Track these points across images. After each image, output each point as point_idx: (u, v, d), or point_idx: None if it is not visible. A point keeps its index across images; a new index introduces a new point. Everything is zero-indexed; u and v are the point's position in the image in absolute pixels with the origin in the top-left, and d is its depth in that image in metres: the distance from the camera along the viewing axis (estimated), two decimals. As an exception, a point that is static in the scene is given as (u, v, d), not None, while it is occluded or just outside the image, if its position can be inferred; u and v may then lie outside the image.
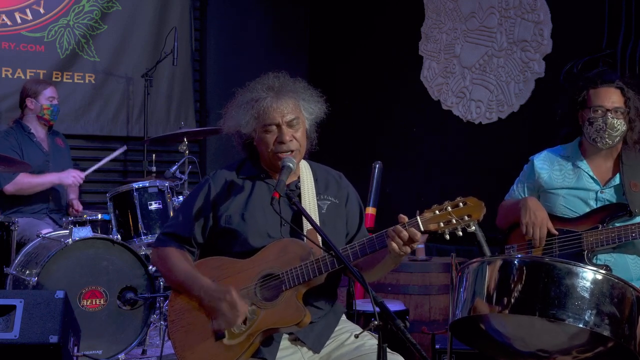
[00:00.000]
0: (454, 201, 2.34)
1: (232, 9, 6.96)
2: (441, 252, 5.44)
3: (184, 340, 2.51)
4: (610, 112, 3.05)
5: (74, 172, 4.90)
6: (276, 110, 2.53)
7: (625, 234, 2.96)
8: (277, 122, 2.53)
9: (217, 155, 6.74)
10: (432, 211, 2.35)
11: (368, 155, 5.17)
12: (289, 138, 2.53)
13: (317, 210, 2.59)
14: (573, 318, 2.24)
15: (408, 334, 1.99)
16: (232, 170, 2.66)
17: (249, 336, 2.41)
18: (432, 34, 6.02)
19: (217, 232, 2.59)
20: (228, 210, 2.57)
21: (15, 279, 4.14)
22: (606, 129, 3.05)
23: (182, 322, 2.53)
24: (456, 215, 2.32)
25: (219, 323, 2.44)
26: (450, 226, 2.33)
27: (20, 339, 3.06)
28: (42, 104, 4.90)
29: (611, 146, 3.10)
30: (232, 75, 6.74)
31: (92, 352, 4.03)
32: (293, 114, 2.55)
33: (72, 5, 6.16)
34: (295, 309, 2.40)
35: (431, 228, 2.34)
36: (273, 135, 2.53)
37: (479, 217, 2.32)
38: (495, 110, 5.52)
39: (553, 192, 3.19)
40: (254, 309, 2.44)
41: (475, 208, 2.32)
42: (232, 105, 2.64)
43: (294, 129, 2.55)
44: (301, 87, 2.63)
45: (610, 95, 3.08)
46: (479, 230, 2.71)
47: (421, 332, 4.25)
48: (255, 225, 2.54)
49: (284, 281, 2.42)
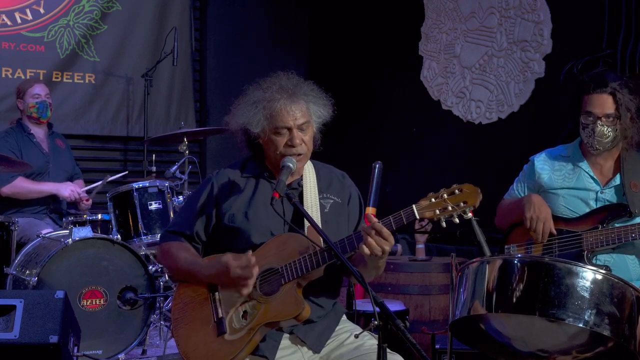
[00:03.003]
0: (449, 188, 2.36)
1: (232, 9, 6.96)
2: (441, 252, 5.45)
3: (187, 337, 2.53)
4: (600, 120, 3.04)
5: (72, 186, 4.89)
6: (289, 113, 2.53)
7: (625, 234, 2.96)
8: (289, 126, 2.53)
9: (217, 155, 6.74)
10: (427, 199, 2.36)
11: (368, 155, 5.16)
12: (299, 142, 2.54)
13: (319, 208, 2.60)
14: (573, 318, 2.24)
15: (408, 334, 1.99)
16: (236, 169, 2.68)
17: (249, 330, 2.43)
18: (432, 34, 6.02)
19: (220, 230, 2.60)
20: (231, 208, 2.59)
21: (15, 279, 4.14)
22: (594, 136, 3.06)
23: (185, 319, 2.56)
24: (452, 202, 2.33)
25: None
26: (446, 213, 2.33)
27: (20, 339, 3.06)
28: (28, 103, 4.89)
29: (603, 151, 3.11)
30: (232, 75, 6.75)
31: (92, 352, 4.03)
32: (304, 118, 2.55)
33: (72, 5, 6.16)
34: (295, 302, 2.42)
35: (427, 215, 2.35)
36: (283, 138, 2.54)
37: (475, 203, 2.33)
38: (495, 110, 5.52)
39: (553, 192, 3.19)
40: (255, 304, 2.45)
41: (471, 194, 2.33)
42: (242, 101, 2.62)
43: (304, 133, 2.56)
44: (311, 90, 2.63)
45: (601, 102, 3.05)
46: (479, 230, 2.72)
47: (421, 332, 4.25)
48: (258, 224, 2.55)
49: (283, 275, 2.44)
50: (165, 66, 6.31)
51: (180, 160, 4.94)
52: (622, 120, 3.05)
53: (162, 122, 6.54)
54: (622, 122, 3.05)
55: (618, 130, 3.06)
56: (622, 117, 3.04)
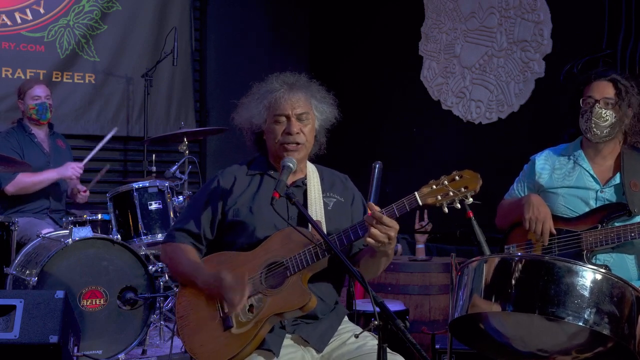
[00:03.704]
0: (450, 175, 2.41)
1: (232, 9, 6.96)
2: (441, 252, 5.45)
3: (193, 334, 2.55)
4: (598, 103, 3.06)
5: (72, 163, 4.89)
6: (287, 101, 2.59)
7: (624, 233, 2.96)
8: (287, 114, 2.59)
9: (217, 155, 6.74)
10: (429, 186, 2.42)
11: (368, 155, 5.15)
12: (297, 130, 2.59)
13: (322, 205, 2.64)
14: (573, 316, 2.24)
15: (408, 334, 1.99)
16: (242, 166, 2.73)
17: (256, 324, 2.45)
18: (432, 34, 6.03)
19: (225, 225, 2.63)
20: (236, 203, 2.62)
21: (15, 279, 4.14)
22: (592, 118, 3.06)
23: (190, 316, 2.58)
24: (453, 187, 2.38)
25: (226, 307, 2.49)
26: (448, 198, 2.38)
27: (20, 339, 3.06)
28: (28, 104, 4.89)
29: (601, 138, 3.09)
30: (232, 75, 6.74)
31: (92, 352, 4.03)
32: (303, 109, 2.61)
33: (72, 5, 6.16)
34: (301, 293, 2.43)
35: (429, 202, 2.39)
36: (282, 126, 2.59)
37: (476, 188, 2.37)
38: (495, 110, 5.52)
39: (553, 191, 3.19)
40: (261, 297, 2.47)
41: (471, 180, 2.38)
42: (247, 97, 2.71)
43: (303, 124, 2.61)
44: (315, 86, 2.70)
45: (601, 87, 3.08)
46: (479, 229, 2.72)
47: (421, 332, 4.25)
48: (262, 218, 2.58)
49: (288, 267, 2.47)
50: (165, 66, 6.31)
51: (180, 160, 4.94)
52: (622, 108, 3.05)
53: (162, 122, 6.54)
54: (621, 109, 3.05)
55: (616, 117, 3.06)
56: (621, 105, 3.04)
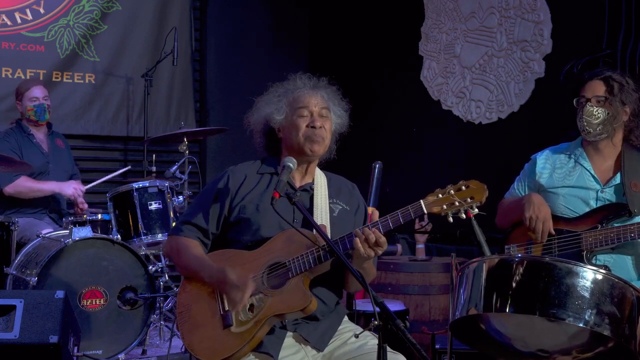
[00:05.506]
0: (456, 184, 2.41)
1: (232, 9, 6.95)
2: (441, 252, 5.44)
3: (193, 330, 2.55)
4: (589, 101, 3.10)
5: (75, 184, 4.89)
6: (311, 97, 2.66)
7: (624, 234, 2.96)
8: (310, 108, 2.63)
9: (217, 155, 6.73)
10: (435, 194, 2.41)
11: (368, 155, 5.16)
12: (320, 124, 2.63)
13: (328, 211, 2.65)
14: (573, 317, 2.24)
15: (408, 334, 1.99)
16: (252, 165, 2.74)
17: (256, 323, 2.45)
18: (432, 34, 6.02)
19: (230, 222, 2.64)
20: (243, 200, 2.63)
21: (15, 279, 4.14)
22: (583, 116, 3.10)
23: (190, 312, 2.58)
24: (459, 197, 2.38)
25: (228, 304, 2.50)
26: (453, 208, 2.38)
27: (20, 339, 3.06)
28: (26, 106, 4.89)
29: (594, 136, 3.11)
30: (232, 75, 6.74)
31: (92, 352, 4.03)
32: (325, 105, 2.67)
33: (72, 5, 6.16)
34: (302, 295, 2.44)
35: (434, 211, 2.40)
36: (305, 119, 2.63)
37: (482, 199, 2.38)
38: (495, 110, 5.52)
39: (553, 191, 3.19)
40: (262, 297, 2.47)
41: (477, 190, 2.38)
42: (265, 96, 2.75)
43: (324, 120, 2.65)
44: (333, 90, 2.77)
45: (592, 86, 3.12)
46: (479, 229, 2.72)
47: (421, 332, 4.25)
48: (268, 217, 2.58)
49: (290, 269, 2.47)
50: (165, 66, 6.31)
51: (180, 160, 4.94)
52: (614, 104, 3.07)
53: (162, 122, 6.53)
54: (613, 106, 3.07)
55: (609, 114, 3.07)
56: (613, 101, 3.07)
